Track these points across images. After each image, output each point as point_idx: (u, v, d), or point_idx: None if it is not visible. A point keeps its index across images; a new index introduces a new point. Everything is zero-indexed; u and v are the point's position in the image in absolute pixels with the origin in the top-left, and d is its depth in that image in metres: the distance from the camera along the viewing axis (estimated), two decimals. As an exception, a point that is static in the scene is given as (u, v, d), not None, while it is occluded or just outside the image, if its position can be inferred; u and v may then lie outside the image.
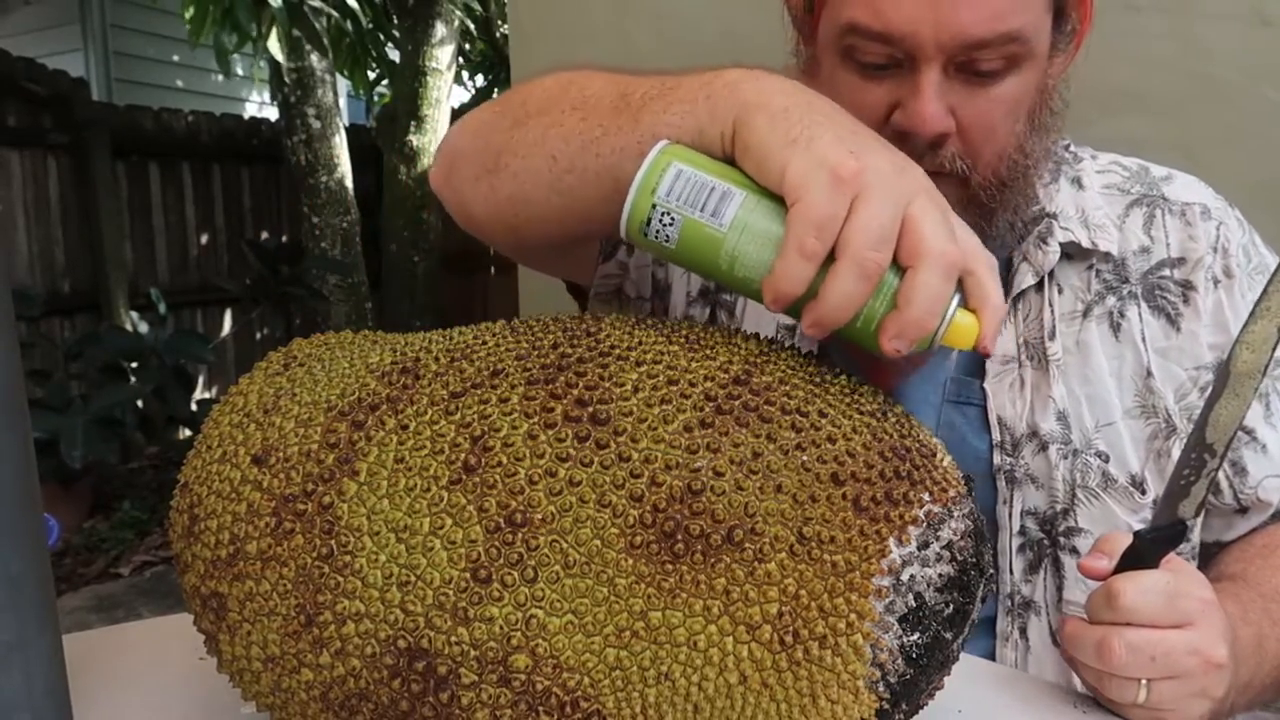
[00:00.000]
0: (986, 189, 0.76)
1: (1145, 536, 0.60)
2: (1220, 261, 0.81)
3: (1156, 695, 0.59)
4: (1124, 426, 0.80)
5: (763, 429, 0.49)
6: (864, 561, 0.47)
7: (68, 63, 5.50)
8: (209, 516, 0.54)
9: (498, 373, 0.53)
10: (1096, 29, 0.83)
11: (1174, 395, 0.80)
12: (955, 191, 0.75)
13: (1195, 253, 0.81)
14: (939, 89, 0.71)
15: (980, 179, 0.76)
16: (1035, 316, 0.82)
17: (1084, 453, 0.79)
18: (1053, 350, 0.80)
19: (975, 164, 0.75)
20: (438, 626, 0.47)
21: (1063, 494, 0.79)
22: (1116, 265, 0.82)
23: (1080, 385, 0.80)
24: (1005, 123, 0.75)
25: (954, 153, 0.74)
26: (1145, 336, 0.81)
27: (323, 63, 4.71)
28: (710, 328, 0.58)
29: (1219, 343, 0.80)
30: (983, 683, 0.65)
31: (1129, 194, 0.85)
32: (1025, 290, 0.82)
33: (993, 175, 0.76)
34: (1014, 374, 0.81)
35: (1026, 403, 0.80)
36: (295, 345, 0.63)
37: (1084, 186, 0.85)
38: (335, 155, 4.84)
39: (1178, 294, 0.81)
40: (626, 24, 2.63)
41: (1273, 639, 0.69)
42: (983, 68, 0.71)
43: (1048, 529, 0.80)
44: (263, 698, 0.54)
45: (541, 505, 0.47)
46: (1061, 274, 0.82)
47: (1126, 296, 0.82)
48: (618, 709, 0.47)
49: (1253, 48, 1.68)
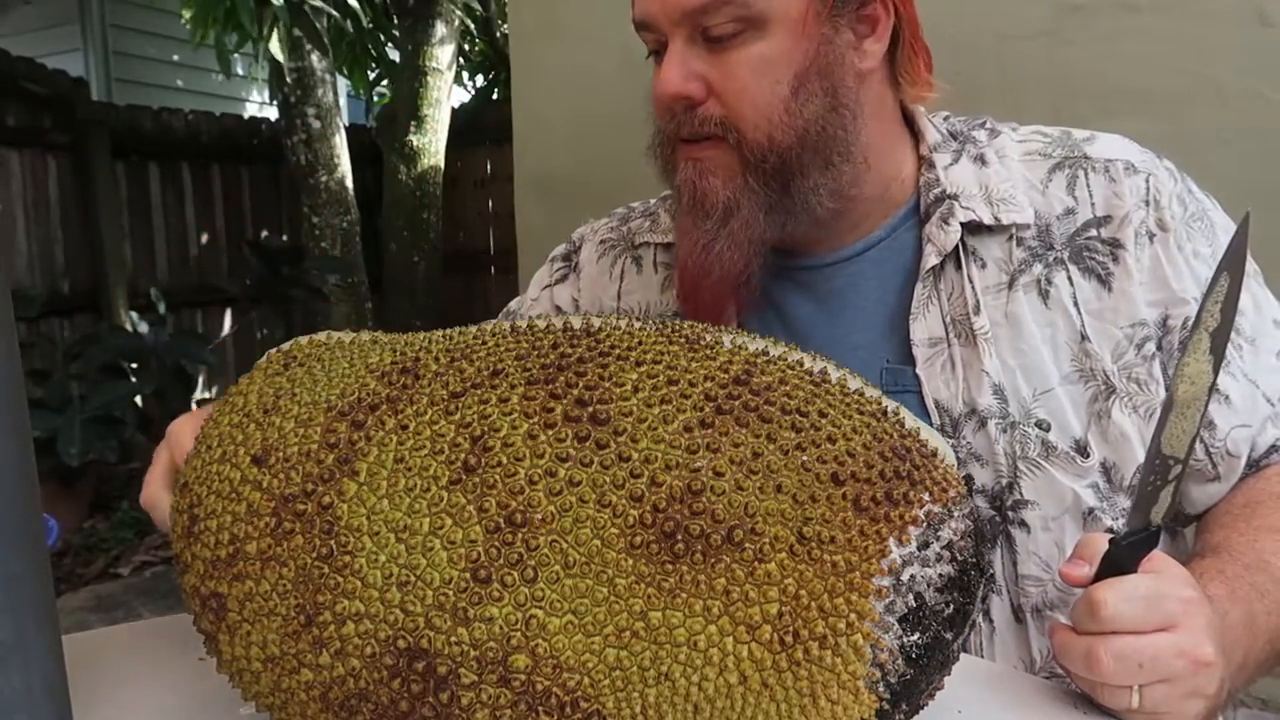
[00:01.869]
0: (759, 150, 0.79)
1: (1121, 543, 0.61)
2: (1153, 215, 0.81)
3: (1149, 700, 0.59)
4: (1062, 392, 0.80)
5: (763, 429, 0.49)
6: (864, 561, 0.47)
7: (68, 63, 5.50)
8: (209, 516, 0.54)
9: (498, 373, 0.53)
10: (1097, 29, 0.84)
11: (1111, 355, 0.80)
12: (728, 155, 0.80)
13: (1120, 209, 0.81)
14: (681, 57, 0.79)
15: (748, 140, 0.79)
16: (958, 294, 0.83)
17: (1022, 424, 0.80)
18: (980, 324, 0.81)
19: (740, 126, 0.79)
20: (438, 626, 0.47)
21: (1006, 468, 0.80)
22: (1040, 231, 0.83)
23: (1013, 356, 0.81)
24: (758, 84, 0.78)
25: (714, 116, 0.80)
26: (1077, 300, 0.81)
27: (323, 63, 4.71)
28: (711, 327, 0.58)
29: (1159, 299, 0.80)
30: (983, 683, 0.65)
31: (1050, 158, 0.85)
32: (943, 270, 0.83)
33: (765, 139, 0.79)
34: (944, 354, 0.82)
35: (960, 381, 0.81)
36: (295, 345, 0.63)
37: (988, 162, 0.85)
38: (335, 155, 4.84)
39: (1106, 253, 0.81)
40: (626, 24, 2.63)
41: (1262, 614, 0.68)
42: (715, 32, 0.78)
43: (997, 505, 0.80)
44: (262, 698, 0.54)
45: (541, 505, 0.47)
46: (983, 248, 0.83)
47: (1053, 263, 0.82)
48: (618, 709, 0.47)
49: (1253, 48, 1.68)
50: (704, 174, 0.81)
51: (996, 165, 0.86)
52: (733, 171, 0.81)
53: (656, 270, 0.98)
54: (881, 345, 0.85)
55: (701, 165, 0.81)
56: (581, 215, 2.65)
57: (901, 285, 0.86)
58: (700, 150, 0.81)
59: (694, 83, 0.79)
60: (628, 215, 1.05)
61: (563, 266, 1.06)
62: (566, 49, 2.74)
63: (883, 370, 0.85)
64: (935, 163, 0.87)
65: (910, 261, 0.86)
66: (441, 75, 5.07)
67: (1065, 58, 1.83)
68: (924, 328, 0.83)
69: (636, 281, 0.99)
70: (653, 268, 0.99)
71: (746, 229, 0.81)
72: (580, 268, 1.04)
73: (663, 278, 0.97)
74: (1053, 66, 1.82)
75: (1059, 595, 0.79)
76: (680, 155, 0.83)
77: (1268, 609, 0.69)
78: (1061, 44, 1.83)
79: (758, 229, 0.81)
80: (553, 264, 1.08)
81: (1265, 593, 0.69)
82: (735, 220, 0.81)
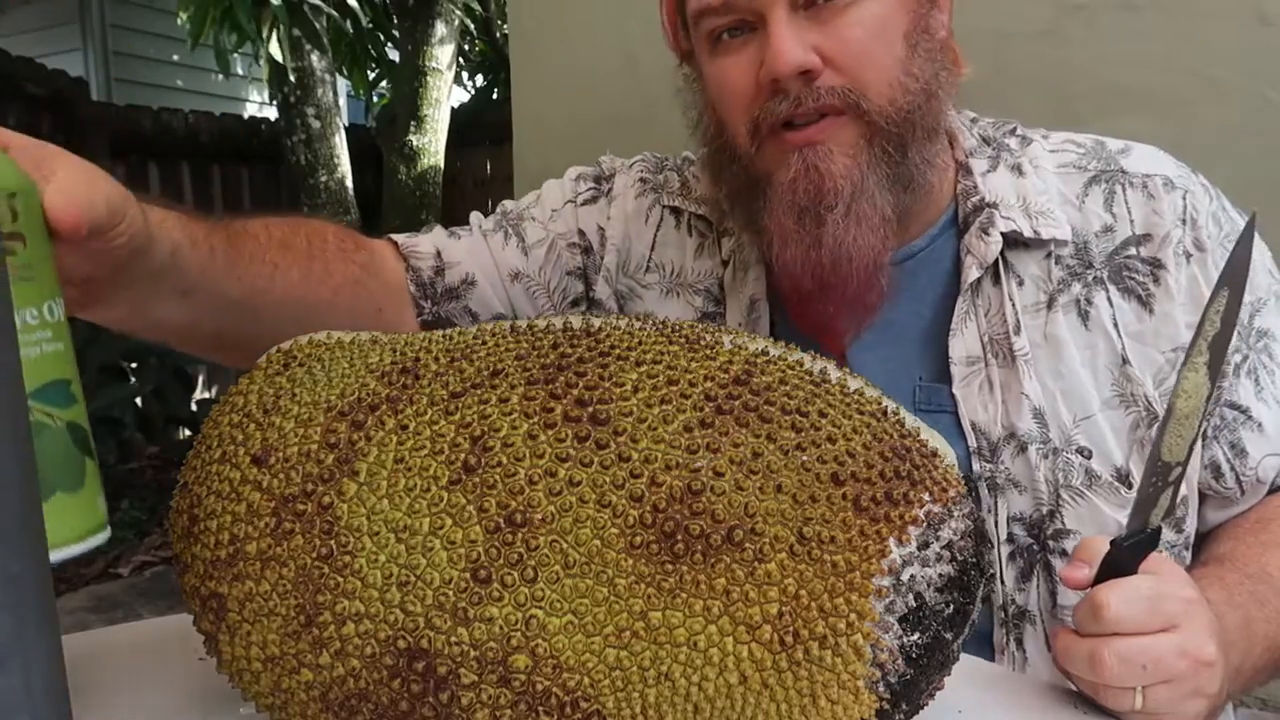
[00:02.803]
0: (887, 118, 0.75)
1: (1122, 544, 0.61)
2: (1190, 234, 0.78)
3: (1152, 701, 0.59)
4: (1103, 418, 0.77)
5: (763, 429, 0.49)
6: (864, 561, 0.47)
7: (67, 62, 5.50)
8: (209, 517, 0.54)
9: (498, 373, 0.53)
10: (1097, 28, 0.84)
11: (1152, 381, 0.77)
12: (856, 127, 0.75)
13: (1161, 228, 0.78)
14: (789, 27, 0.72)
15: (875, 107, 0.74)
16: (996, 311, 0.79)
17: (1064, 450, 0.77)
18: (1019, 345, 0.78)
19: (866, 91, 0.74)
20: (438, 627, 0.47)
21: (1047, 496, 0.77)
22: (1079, 249, 0.79)
23: (1053, 380, 0.78)
24: (878, 45, 0.74)
25: (836, 87, 0.74)
26: (1118, 321, 0.78)
27: (322, 62, 4.72)
28: (711, 327, 0.58)
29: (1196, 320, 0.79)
30: (983, 683, 0.65)
31: (1086, 170, 0.82)
32: (981, 284, 0.80)
33: (889, 104, 0.75)
34: (981, 374, 0.79)
35: (999, 404, 0.78)
36: (295, 345, 0.63)
37: (1024, 173, 0.82)
38: (335, 155, 4.84)
39: (1146, 273, 0.78)
40: (627, 24, 2.63)
41: (1260, 620, 0.68)
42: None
43: (1035, 534, 0.78)
44: (262, 698, 0.54)
45: (541, 505, 0.47)
46: (1020, 264, 0.80)
47: (1092, 282, 0.79)
48: (618, 709, 0.47)
49: (1253, 48, 1.68)
50: (825, 157, 0.75)
51: (1033, 176, 0.82)
52: (856, 145, 0.75)
53: (691, 234, 0.93)
54: (915, 361, 0.82)
55: (820, 149, 0.75)
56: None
57: (938, 299, 0.82)
58: (817, 132, 0.75)
59: (810, 54, 0.73)
60: (661, 163, 0.98)
61: (593, 188, 0.97)
62: (566, 49, 2.74)
63: (916, 388, 0.81)
64: (973, 168, 0.83)
65: (947, 273, 0.82)
66: (441, 75, 5.07)
67: (1065, 57, 1.83)
68: (962, 345, 0.79)
69: (673, 237, 0.93)
70: (687, 231, 0.93)
71: (876, 209, 0.75)
72: (614, 197, 0.96)
73: (696, 244, 0.92)
74: (1053, 66, 1.81)
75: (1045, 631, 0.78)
76: (783, 146, 0.76)
77: (1266, 617, 0.68)
78: (1062, 43, 1.83)
79: (886, 207, 0.76)
80: (579, 181, 0.98)
81: (1265, 602, 0.69)
82: (863, 201, 0.75)
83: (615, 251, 0.94)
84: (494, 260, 0.95)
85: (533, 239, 0.95)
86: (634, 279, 0.94)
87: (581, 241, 0.96)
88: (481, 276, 0.94)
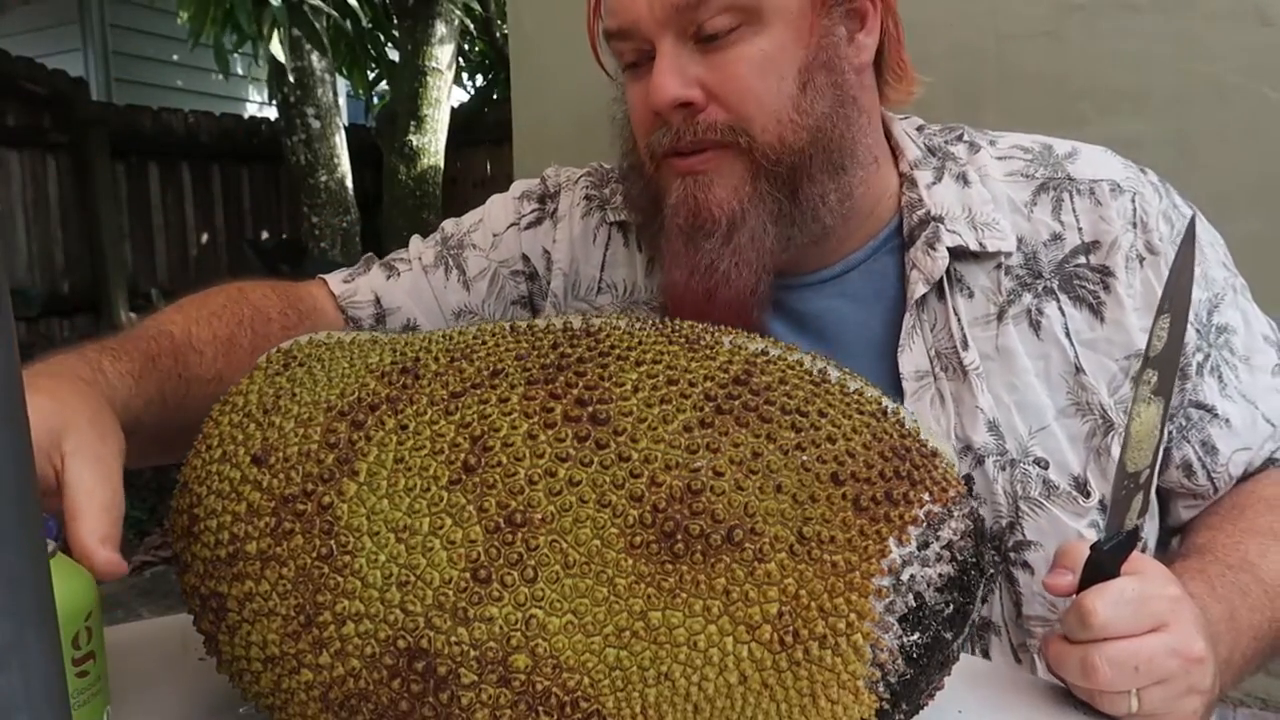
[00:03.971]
0: (771, 153, 0.74)
1: (1102, 548, 0.61)
2: (1141, 238, 0.77)
3: (1148, 703, 0.59)
4: (1059, 428, 0.77)
5: (763, 429, 0.49)
6: (864, 561, 0.47)
7: (67, 62, 5.50)
8: (209, 516, 0.54)
9: (497, 373, 0.53)
10: (1097, 29, 0.84)
11: (1107, 389, 0.77)
12: (741, 163, 0.75)
13: (1109, 234, 0.78)
14: (673, 61, 0.73)
15: (758, 143, 0.74)
16: (943, 327, 0.79)
17: (1021, 462, 0.77)
18: (969, 359, 0.77)
19: (749, 128, 0.74)
20: (437, 627, 0.47)
21: (1006, 507, 0.77)
22: (1028, 259, 0.79)
23: (1007, 392, 0.77)
24: (763, 83, 0.74)
25: (718, 122, 0.74)
26: (1070, 330, 0.78)
27: (322, 62, 4.71)
28: (711, 327, 0.58)
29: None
30: (983, 683, 0.65)
31: (1033, 179, 0.81)
32: (927, 299, 0.80)
33: (776, 141, 0.74)
34: (931, 389, 0.79)
35: (952, 416, 0.78)
36: (295, 345, 0.63)
37: (970, 182, 0.81)
38: (335, 155, 4.84)
39: (1096, 281, 0.78)
40: (626, 24, 2.63)
41: (1244, 610, 0.68)
42: (709, 29, 0.72)
43: (997, 546, 0.78)
44: (263, 698, 0.54)
45: (541, 505, 0.47)
46: (969, 276, 0.79)
47: (1043, 292, 0.78)
48: (618, 709, 0.47)
49: (1253, 48, 1.68)
50: (705, 187, 0.75)
51: (979, 185, 0.81)
52: (740, 179, 0.75)
53: (641, 250, 0.91)
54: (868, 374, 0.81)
55: (701, 179, 0.76)
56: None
57: (885, 312, 0.82)
58: (700, 162, 0.76)
59: (693, 87, 0.74)
60: (605, 176, 0.96)
61: (537, 209, 0.96)
62: (566, 49, 2.73)
63: None
64: (917, 180, 0.82)
65: (893, 287, 0.82)
66: (441, 75, 5.07)
67: (1065, 58, 1.83)
68: (910, 360, 0.79)
69: (622, 256, 0.92)
70: (637, 246, 0.92)
71: (754, 242, 0.76)
72: (560, 218, 0.95)
73: (647, 259, 0.91)
74: (1053, 66, 1.81)
75: None
76: (671, 172, 0.77)
77: (1250, 606, 0.68)
78: (1061, 44, 1.83)
79: (766, 241, 0.76)
80: (523, 201, 0.97)
81: (1247, 591, 0.69)
82: (741, 233, 0.75)
83: (562, 275, 0.93)
84: (436, 300, 0.94)
85: (474, 270, 0.94)
86: (585, 301, 0.93)
87: (525, 268, 0.95)
88: (424, 319, 0.93)
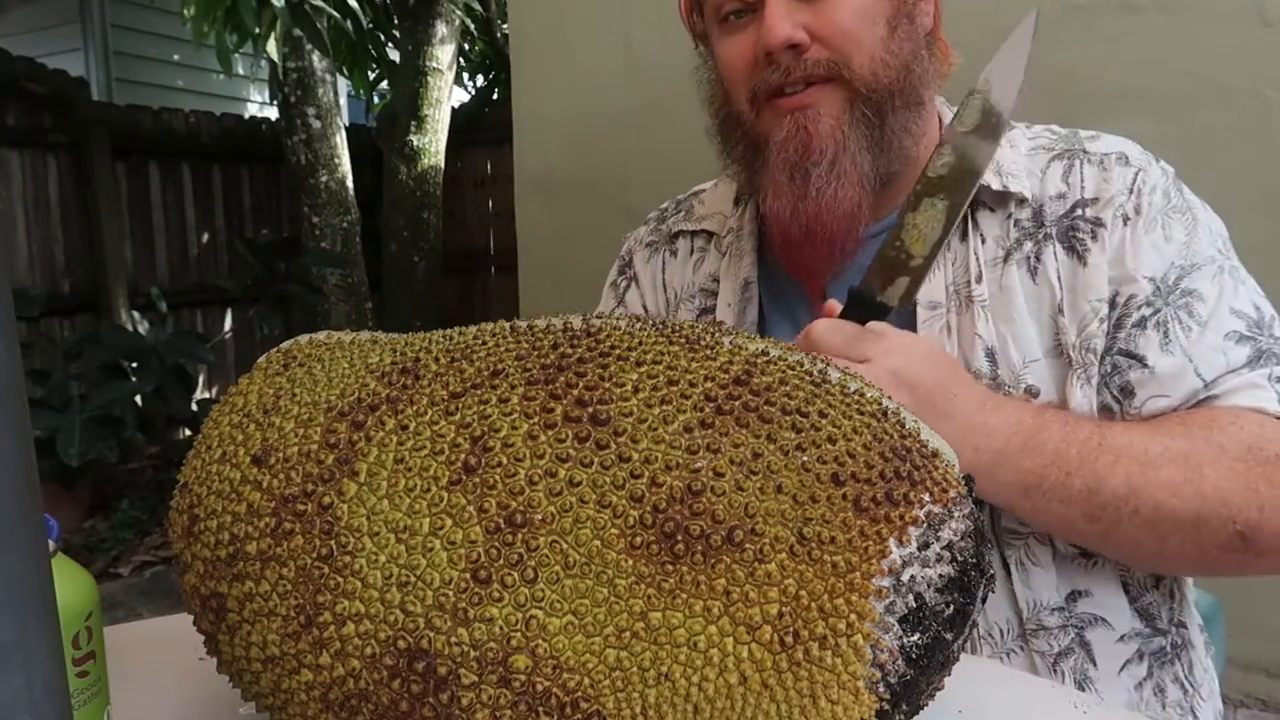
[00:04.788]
0: (866, 84, 0.85)
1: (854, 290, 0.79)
2: (1132, 201, 0.84)
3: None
4: (1045, 365, 0.84)
5: (763, 429, 0.49)
6: (864, 562, 0.47)
7: (68, 62, 5.50)
8: (209, 516, 0.54)
9: (498, 373, 0.53)
10: (1098, 29, 0.85)
11: (1076, 328, 0.83)
12: (840, 94, 0.86)
13: (1107, 192, 0.85)
14: (783, 6, 0.84)
15: (857, 75, 0.85)
16: (961, 264, 0.87)
17: (1013, 388, 0.83)
18: (978, 292, 0.86)
19: (849, 63, 0.85)
20: (438, 627, 0.47)
21: None
22: (1035, 212, 0.87)
23: (1004, 324, 0.85)
24: (861, 25, 0.85)
25: (822, 59, 0.85)
26: (1059, 275, 0.84)
27: (323, 63, 4.71)
28: (711, 327, 0.58)
29: (1115, 276, 0.82)
30: (983, 683, 0.65)
31: (1052, 150, 0.90)
32: (950, 240, 0.88)
33: (870, 75, 0.85)
34: (942, 320, 0.87)
35: (955, 345, 0.86)
36: (295, 345, 0.63)
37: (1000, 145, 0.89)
38: (335, 155, 4.84)
39: (1088, 231, 0.84)
40: (627, 24, 2.63)
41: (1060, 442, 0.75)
42: None
43: None
44: (263, 698, 0.54)
45: (541, 506, 0.47)
46: (985, 224, 0.88)
47: (1042, 239, 0.86)
48: (618, 709, 0.47)
49: (1253, 48, 1.68)
50: (813, 119, 0.85)
51: (1007, 149, 0.90)
52: (840, 109, 0.85)
53: (692, 254, 1.05)
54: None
55: (809, 112, 0.85)
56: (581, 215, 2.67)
57: None
58: (805, 97, 0.85)
59: (799, 31, 0.83)
60: (663, 215, 1.11)
61: (624, 282, 1.11)
62: (566, 49, 2.74)
63: None
64: None
65: None
66: (441, 75, 5.07)
67: (1066, 58, 1.83)
68: (927, 291, 0.87)
69: (674, 268, 1.06)
70: (687, 253, 1.05)
71: (856, 166, 0.85)
72: (637, 276, 1.10)
73: (695, 260, 1.04)
74: (1054, 66, 1.82)
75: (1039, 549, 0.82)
76: (778, 111, 0.87)
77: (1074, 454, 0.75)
78: (1063, 44, 1.83)
79: (864, 166, 0.86)
80: (615, 289, 1.12)
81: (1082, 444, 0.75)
82: (845, 159, 0.85)
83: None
84: None
85: None
86: None
87: None
88: None
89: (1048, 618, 0.81)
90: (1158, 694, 0.83)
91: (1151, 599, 0.84)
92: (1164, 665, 0.84)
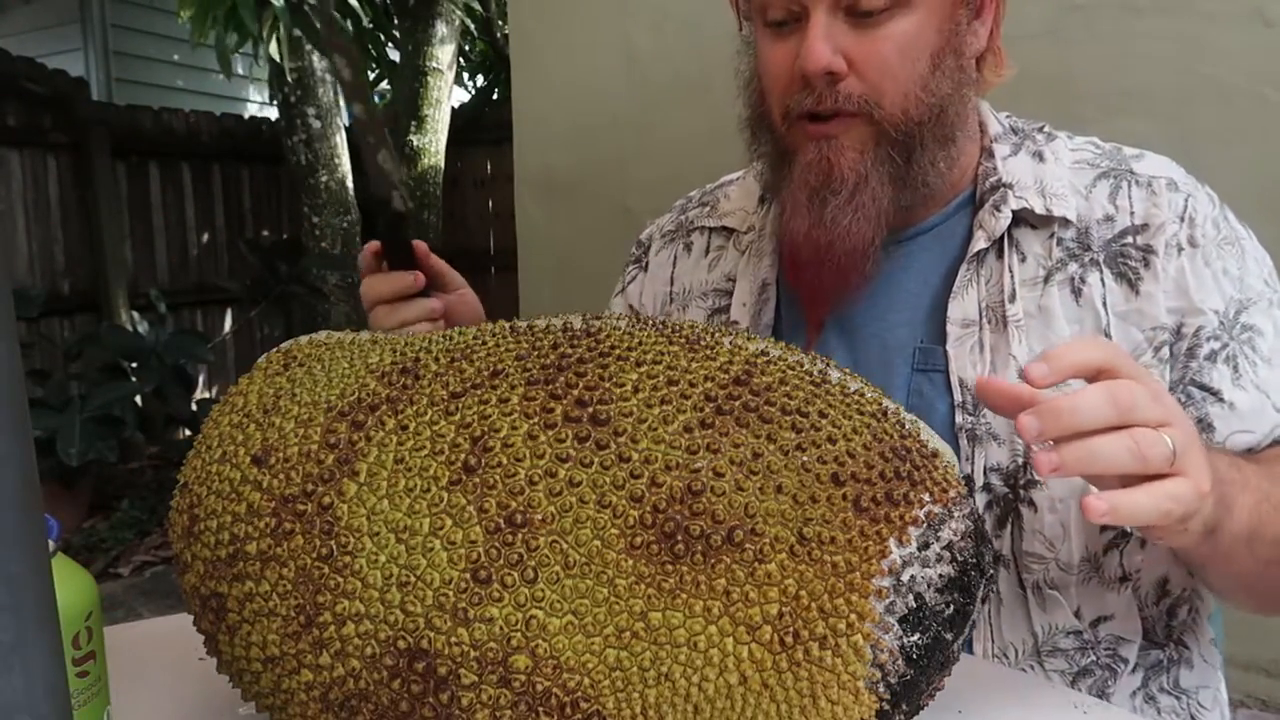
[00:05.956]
0: (895, 125, 0.82)
1: None
2: (1185, 230, 0.82)
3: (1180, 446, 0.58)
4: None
5: (763, 429, 0.49)
6: (864, 562, 0.47)
7: (68, 62, 5.50)
8: (209, 517, 0.54)
9: (498, 373, 0.53)
10: (1098, 29, 0.85)
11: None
12: (863, 129, 0.83)
13: (1158, 219, 0.83)
14: (826, 30, 0.80)
15: (886, 115, 0.82)
16: (995, 281, 0.86)
17: None
18: (1012, 312, 0.84)
19: (880, 101, 0.82)
20: (438, 627, 0.47)
21: (1022, 449, 0.82)
22: (1079, 233, 0.85)
23: (1041, 346, 0.83)
24: (901, 61, 0.81)
25: (855, 94, 0.82)
26: (1106, 301, 0.83)
27: (323, 62, 4.71)
28: (711, 327, 0.58)
29: (1179, 307, 0.81)
30: (983, 683, 0.65)
31: (1098, 168, 0.88)
32: (985, 256, 0.86)
33: (901, 113, 0.82)
34: (974, 337, 0.85)
35: (986, 363, 0.84)
36: (295, 345, 0.63)
37: (1045, 160, 0.88)
38: (336, 155, 4.83)
39: (1139, 259, 0.83)
40: (626, 24, 2.63)
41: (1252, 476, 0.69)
42: (865, 6, 0.79)
43: (1010, 483, 0.82)
44: (263, 698, 0.54)
45: (541, 506, 0.47)
46: (1025, 242, 0.86)
47: (1089, 264, 0.84)
48: (618, 709, 0.47)
49: (1253, 48, 1.68)
50: (837, 150, 0.83)
51: (1052, 164, 0.88)
52: (864, 144, 0.83)
53: (707, 252, 1.03)
54: (920, 326, 0.88)
55: (835, 142, 0.83)
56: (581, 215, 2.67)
57: (947, 270, 0.88)
58: (832, 127, 0.83)
59: (839, 57, 0.81)
60: (685, 205, 1.09)
61: (634, 269, 1.10)
62: (566, 49, 2.74)
63: (915, 349, 0.87)
64: (995, 153, 0.89)
65: (958, 248, 0.89)
66: (441, 75, 5.07)
67: (1066, 57, 1.83)
68: (959, 308, 0.86)
69: (685, 265, 1.04)
70: (702, 251, 1.03)
71: (875, 201, 0.83)
72: (648, 265, 1.08)
73: (711, 259, 1.02)
74: (1054, 66, 1.81)
75: (1060, 575, 0.81)
76: (804, 134, 0.85)
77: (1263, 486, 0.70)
78: (1063, 44, 1.83)
79: (884, 201, 0.84)
80: (626, 272, 1.12)
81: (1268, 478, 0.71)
82: (864, 193, 0.83)
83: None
84: None
85: None
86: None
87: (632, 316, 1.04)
88: None
89: (1063, 640, 0.81)
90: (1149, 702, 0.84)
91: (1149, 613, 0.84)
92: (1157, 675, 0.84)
